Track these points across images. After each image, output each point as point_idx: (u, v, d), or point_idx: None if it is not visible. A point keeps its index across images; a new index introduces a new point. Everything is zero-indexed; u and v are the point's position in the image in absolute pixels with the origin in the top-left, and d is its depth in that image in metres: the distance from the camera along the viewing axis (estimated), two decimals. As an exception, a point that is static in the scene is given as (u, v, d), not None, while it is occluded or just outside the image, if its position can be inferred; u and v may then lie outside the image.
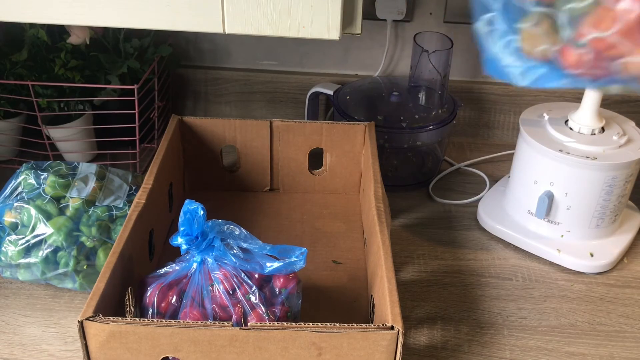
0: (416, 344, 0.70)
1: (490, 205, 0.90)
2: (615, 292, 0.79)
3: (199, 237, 0.62)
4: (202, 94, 1.13)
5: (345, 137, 0.89)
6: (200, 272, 0.63)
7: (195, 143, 0.89)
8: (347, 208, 0.90)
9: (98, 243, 0.73)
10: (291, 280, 0.65)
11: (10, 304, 0.74)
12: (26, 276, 0.73)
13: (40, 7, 0.66)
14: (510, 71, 0.63)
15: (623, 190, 0.79)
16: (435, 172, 1.01)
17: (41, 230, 0.71)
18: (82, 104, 0.96)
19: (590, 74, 0.59)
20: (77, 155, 0.98)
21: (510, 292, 0.78)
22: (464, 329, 0.72)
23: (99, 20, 0.67)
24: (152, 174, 0.76)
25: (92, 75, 0.96)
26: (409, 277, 0.80)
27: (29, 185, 0.75)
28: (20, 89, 0.91)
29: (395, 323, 0.56)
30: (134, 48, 0.98)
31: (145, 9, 0.65)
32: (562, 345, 0.71)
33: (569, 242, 0.82)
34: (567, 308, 0.76)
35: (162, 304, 0.63)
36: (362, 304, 0.74)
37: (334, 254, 0.82)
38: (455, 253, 0.85)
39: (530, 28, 0.60)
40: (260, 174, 0.92)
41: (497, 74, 0.64)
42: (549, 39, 0.59)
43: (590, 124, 0.80)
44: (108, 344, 0.56)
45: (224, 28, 0.66)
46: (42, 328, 0.71)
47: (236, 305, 0.61)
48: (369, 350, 0.56)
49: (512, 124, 1.10)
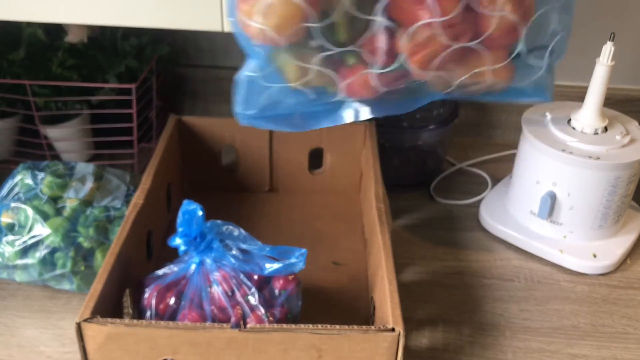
0: (417, 346, 0.70)
1: (492, 206, 0.89)
2: (618, 294, 0.78)
3: (197, 238, 0.61)
4: (200, 93, 1.13)
5: (346, 137, 0.88)
6: (199, 274, 0.63)
7: (194, 143, 0.89)
8: (347, 208, 0.90)
9: (96, 244, 0.72)
10: (291, 281, 0.64)
11: (7, 305, 0.73)
12: (23, 277, 0.72)
13: (37, 5, 0.66)
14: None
15: (626, 190, 0.79)
16: (437, 172, 1.01)
17: (38, 231, 0.71)
18: (79, 104, 0.95)
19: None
20: (75, 155, 0.98)
21: (512, 294, 0.77)
22: (465, 331, 0.72)
23: (97, 19, 0.67)
24: (150, 174, 0.75)
25: (90, 75, 0.95)
26: (410, 278, 0.80)
27: (26, 185, 0.74)
28: (17, 88, 0.90)
29: (396, 325, 0.55)
30: (132, 47, 0.98)
31: (143, 8, 0.65)
32: (565, 346, 0.70)
33: (572, 243, 0.82)
34: (569, 309, 0.75)
35: (160, 306, 0.62)
36: (362, 306, 0.73)
37: (334, 255, 0.81)
38: (456, 254, 0.84)
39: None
40: (260, 174, 0.91)
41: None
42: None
43: (593, 123, 0.79)
44: (106, 346, 0.56)
45: (223, 26, 0.65)
46: (40, 329, 0.70)
47: (235, 307, 0.61)
48: (369, 353, 0.55)
49: (514, 124, 1.09)
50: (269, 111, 0.58)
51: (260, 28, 0.52)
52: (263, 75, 0.55)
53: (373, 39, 0.52)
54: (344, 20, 0.51)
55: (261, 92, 0.57)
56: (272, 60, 0.54)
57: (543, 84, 0.59)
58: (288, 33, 0.52)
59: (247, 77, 0.57)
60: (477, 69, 0.54)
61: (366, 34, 0.52)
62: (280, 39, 0.52)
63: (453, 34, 0.51)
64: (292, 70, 0.55)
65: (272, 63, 0.54)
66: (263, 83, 0.56)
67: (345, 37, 0.52)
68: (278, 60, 0.54)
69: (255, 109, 0.57)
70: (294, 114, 0.58)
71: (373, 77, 0.54)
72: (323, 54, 0.52)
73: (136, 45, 0.98)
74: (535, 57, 0.56)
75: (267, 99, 0.57)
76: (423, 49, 0.51)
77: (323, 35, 0.51)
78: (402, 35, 0.51)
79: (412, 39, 0.51)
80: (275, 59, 0.54)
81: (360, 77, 0.54)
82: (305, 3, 0.50)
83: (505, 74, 0.55)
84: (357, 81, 0.55)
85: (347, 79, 0.54)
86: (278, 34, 0.52)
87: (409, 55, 0.52)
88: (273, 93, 0.57)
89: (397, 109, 0.58)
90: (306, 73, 0.55)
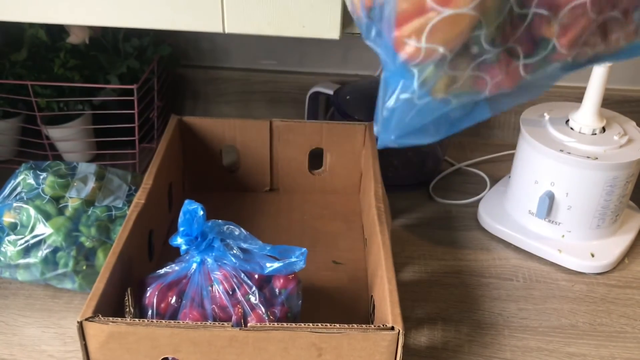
0: (417, 345, 0.70)
1: (491, 206, 0.89)
2: (616, 293, 0.78)
3: (198, 238, 0.62)
4: (201, 94, 1.13)
5: (346, 137, 0.88)
6: (200, 273, 0.63)
7: (194, 143, 0.89)
8: (347, 208, 0.90)
9: (97, 243, 0.72)
10: (291, 280, 0.65)
11: (9, 304, 0.74)
12: (25, 276, 0.72)
13: (39, 6, 0.66)
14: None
15: (624, 190, 0.79)
16: (436, 172, 1.01)
17: (40, 230, 0.71)
18: (81, 104, 0.96)
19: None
20: (77, 155, 0.98)
21: (510, 293, 0.78)
22: (464, 330, 0.72)
23: (99, 20, 0.67)
24: (151, 174, 0.76)
25: (92, 75, 0.95)
26: (410, 277, 0.80)
27: (28, 185, 0.75)
28: (20, 89, 0.90)
29: (395, 324, 0.55)
30: (133, 48, 0.98)
31: (145, 9, 0.65)
32: (563, 345, 0.71)
33: (570, 243, 0.82)
34: (568, 308, 0.76)
35: (161, 305, 0.62)
36: (362, 305, 0.74)
37: (334, 254, 0.81)
38: (455, 253, 0.84)
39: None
40: (260, 174, 0.92)
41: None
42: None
43: (591, 123, 0.79)
44: (107, 345, 0.56)
45: (224, 28, 0.65)
46: (42, 328, 0.71)
47: (236, 306, 0.61)
48: (369, 351, 0.56)
49: (512, 124, 1.10)
50: (408, 128, 0.55)
51: (425, 47, 0.48)
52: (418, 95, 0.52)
53: (525, 31, 0.51)
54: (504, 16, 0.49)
55: (410, 112, 0.54)
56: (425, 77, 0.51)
57: None
58: (457, 46, 0.49)
59: (403, 100, 0.53)
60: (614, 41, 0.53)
61: (519, 28, 0.50)
62: (447, 54, 0.49)
63: (598, 8, 0.50)
64: (443, 81, 0.52)
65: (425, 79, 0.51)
66: (417, 102, 0.53)
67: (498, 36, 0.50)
68: (429, 75, 0.51)
69: (400, 130, 0.54)
70: (428, 124, 0.55)
71: (522, 68, 0.52)
72: (481, 58, 0.50)
73: (138, 46, 0.99)
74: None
75: (412, 117, 0.54)
76: (571, 28, 0.51)
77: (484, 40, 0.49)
78: (550, 21, 0.50)
79: (562, 20, 0.50)
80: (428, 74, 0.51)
81: (508, 71, 0.52)
82: (477, 12, 0.47)
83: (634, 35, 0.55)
84: (506, 74, 0.53)
85: (496, 76, 0.52)
86: (446, 49, 0.49)
87: (557, 38, 0.51)
88: (419, 109, 0.54)
89: (528, 96, 0.56)
90: (456, 81, 0.52)
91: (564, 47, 0.52)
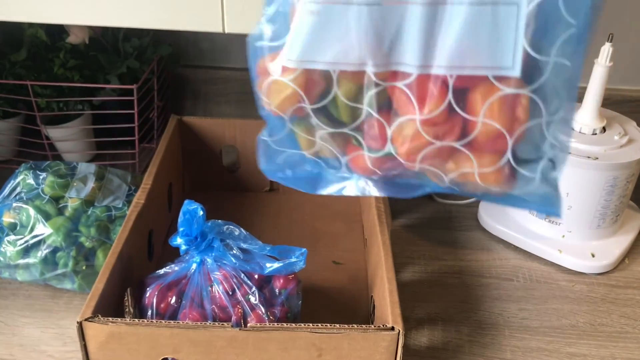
0: (417, 345, 0.70)
1: (491, 206, 0.89)
2: (616, 293, 0.78)
3: (198, 238, 0.62)
4: (201, 94, 1.13)
5: (346, 137, 0.88)
6: (200, 273, 0.63)
7: (194, 143, 0.89)
8: (347, 208, 0.90)
9: (97, 243, 0.72)
10: (291, 280, 0.65)
11: (9, 304, 0.74)
12: (25, 277, 0.72)
13: (39, 6, 0.66)
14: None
15: (624, 190, 0.79)
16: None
17: (40, 230, 0.71)
18: (81, 104, 0.96)
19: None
20: (76, 155, 0.98)
21: (511, 293, 0.78)
22: (464, 330, 0.72)
23: (98, 20, 0.67)
24: (151, 174, 0.76)
25: (92, 75, 0.95)
26: (410, 277, 0.80)
27: (27, 185, 0.74)
28: (19, 89, 0.90)
29: (395, 324, 0.55)
30: (133, 48, 0.98)
31: (144, 9, 0.65)
32: (564, 346, 0.71)
33: (570, 243, 0.82)
34: (568, 309, 0.76)
35: (161, 305, 0.62)
36: (362, 305, 0.74)
37: (334, 254, 0.81)
38: (456, 253, 0.84)
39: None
40: (260, 174, 0.90)
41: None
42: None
43: (591, 123, 0.79)
44: (107, 345, 0.56)
45: (224, 27, 0.65)
46: (41, 329, 0.71)
47: (236, 306, 0.61)
48: (369, 351, 0.56)
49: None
50: (288, 170, 0.62)
51: (266, 101, 0.56)
52: (275, 140, 0.60)
53: (367, 123, 0.54)
54: (343, 103, 0.53)
55: (278, 154, 0.61)
56: (285, 128, 0.58)
57: (548, 197, 0.56)
58: (288, 111, 0.55)
59: (262, 140, 0.61)
60: (464, 170, 0.54)
61: (360, 118, 0.54)
62: (283, 115, 0.56)
63: (435, 133, 0.52)
64: (303, 139, 0.59)
65: (285, 130, 0.58)
66: (274, 147, 0.60)
67: (345, 118, 0.54)
68: (292, 129, 0.58)
69: (274, 167, 0.62)
70: (309, 176, 0.61)
71: (367, 159, 0.56)
72: (323, 131, 0.56)
73: (137, 46, 0.98)
74: (529, 169, 0.54)
75: (284, 160, 0.61)
76: (408, 141, 0.53)
77: (322, 115, 0.54)
78: (392, 124, 0.53)
79: (399, 130, 0.52)
80: (288, 128, 0.58)
81: (359, 156, 0.57)
82: (298, 88, 0.53)
83: (495, 179, 0.54)
84: (357, 159, 0.57)
85: (349, 155, 0.57)
86: (280, 111, 0.56)
87: (396, 145, 0.53)
88: (289, 156, 0.61)
89: (401, 193, 0.60)
90: (314, 144, 0.58)
91: (402, 155, 0.54)
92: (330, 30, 0.49)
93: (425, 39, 0.49)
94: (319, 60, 0.51)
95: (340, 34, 0.49)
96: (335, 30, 0.49)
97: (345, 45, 0.50)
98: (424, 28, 0.48)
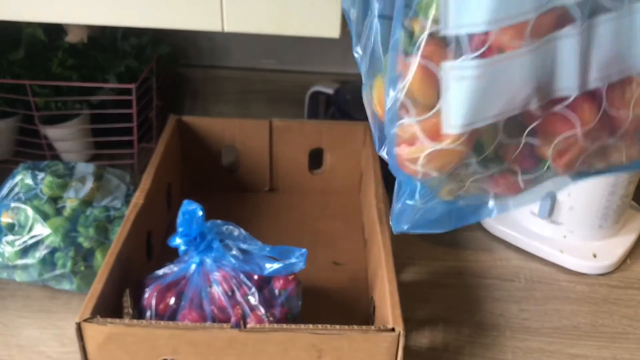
0: (417, 346, 0.70)
1: (492, 206, 0.89)
2: (618, 294, 0.78)
3: (197, 238, 0.61)
4: (200, 93, 1.13)
5: (346, 137, 0.88)
6: (199, 273, 0.63)
7: (194, 143, 0.89)
8: (347, 208, 0.90)
9: (95, 244, 0.72)
10: (291, 281, 0.64)
11: (7, 305, 0.73)
12: (23, 277, 0.72)
13: (37, 5, 0.65)
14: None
15: (626, 190, 0.79)
16: (436, 172, 1.00)
17: (38, 231, 0.71)
18: (79, 104, 0.95)
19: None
20: (75, 155, 0.98)
21: (512, 294, 0.77)
22: (465, 331, 0.72)
23: (97, 19, 0.67)
24: (150, 174, 0.75)
25: (90, 74, 0.95)
26: (410, 278, 0.80)
27: (26, 185, 0.74)
28: (17, 88, 0.90)
29: (396, 325, 0.55)
30: (132, 47, 0.98)
31: (143, 7, 0.65)
32: (565, 347, 0.70)
33: (572, 243, 0.82)
34: (569, 309, 0.75)
35: (160, 306, 0.62)
36: (362, 306, 0.73)
37: (334, 255, 0.81)
38: (456, 254, 0.84)
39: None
40: (260, 174, 0.91)
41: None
42: None
43: (593, 123, 0.79)
44: (106, 346, 0.56)
45: (223, 26, 0.65)
46: (40, 330, 0.70)
47: (235, 307, 0.61)
48: (369, 352, 0.55)
49: (513, 124, 1.09)
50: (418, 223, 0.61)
51: (421, 171, 0.53)
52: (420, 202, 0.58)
53: (520, 154, 0.54)
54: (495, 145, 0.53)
55: (417, 213, 0.59)
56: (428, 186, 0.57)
57: None
58: (449, 172, 0.54)
59: (409, 205, 0.59)
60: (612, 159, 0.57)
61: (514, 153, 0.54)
62: (441, 177, 0.55)
63: (592, 138, 0.54)
64: (446, 189, 0.58)
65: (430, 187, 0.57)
66: (420, 206, 0.58)
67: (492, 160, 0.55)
68: (433, 185, 0.56)
69: (410, 224, 0.60)
70: (441, 216, 0.60)
71: (521, 182, 0.57)
72: (479, 176, 0.55)
73: (136, 45, 0.98)
74: None
75: (420, 216, 0.60)
76: (566, 154, 0.54)
77: (484, 159, 0.54)
78: (546, 145, 0.54)
79: (556, 147, 0.54)
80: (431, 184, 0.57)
81: (509, 183, 0.57)
82: (465, 147, 0.51)
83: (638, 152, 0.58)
84: (506, 186, 0.58)
85: (499, 185, 0.57)
86: (439, 174, 0.54)
87: (553, 160, 0.55)
88: (426, 209, 0.59)
89: (533, 199, 0.61)
90: (459, 188, 0.57)
91: (560, 168, 0.55)
92: (495, 87, 0.49)
93: (582, 60, 0.50)
94: (486, 117, 0.50)
95: (505, 87, 0.49)
96: (499, 85, 0.49)
97: (510, 94, 0.49)
98: (580, 52, 0.49)
